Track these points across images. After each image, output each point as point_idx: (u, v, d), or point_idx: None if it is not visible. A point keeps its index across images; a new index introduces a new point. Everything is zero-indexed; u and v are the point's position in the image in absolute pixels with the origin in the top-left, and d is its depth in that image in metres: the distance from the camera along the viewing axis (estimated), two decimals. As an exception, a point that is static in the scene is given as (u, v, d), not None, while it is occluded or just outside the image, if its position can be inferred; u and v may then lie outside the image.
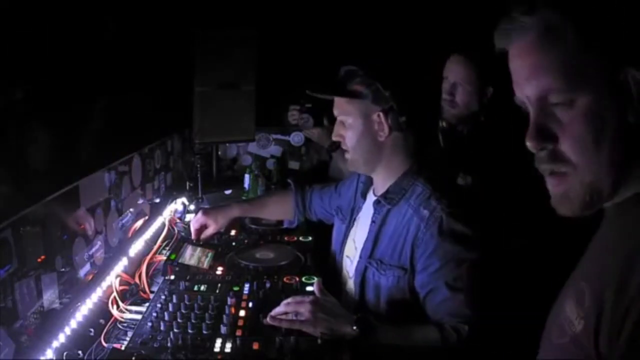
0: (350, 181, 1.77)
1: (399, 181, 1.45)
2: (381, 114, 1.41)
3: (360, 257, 1.50)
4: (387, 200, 1.45)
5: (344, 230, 1.67)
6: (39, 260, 1.16)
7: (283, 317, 1.30)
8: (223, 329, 1.28)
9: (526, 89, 0.67)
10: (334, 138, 1.54)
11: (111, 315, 1.37)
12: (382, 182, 1.50)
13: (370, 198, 1.56)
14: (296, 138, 2.97)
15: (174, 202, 2.23)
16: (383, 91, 1.39)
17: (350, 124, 1.46)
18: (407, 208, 1.40)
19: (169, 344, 1.20)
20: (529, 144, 0.67)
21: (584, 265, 0.72)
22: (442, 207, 1.33)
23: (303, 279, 1.57)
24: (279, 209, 2.01)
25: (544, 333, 0.74)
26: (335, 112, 1.52)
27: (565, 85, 0.63)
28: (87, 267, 1.43)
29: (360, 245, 1.52)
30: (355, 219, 1.63)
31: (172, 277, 1.57)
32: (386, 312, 1.41)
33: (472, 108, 2.05)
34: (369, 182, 1.60)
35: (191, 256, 1.72)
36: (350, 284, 1.55)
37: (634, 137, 0.63)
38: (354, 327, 1.23)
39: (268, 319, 1.30)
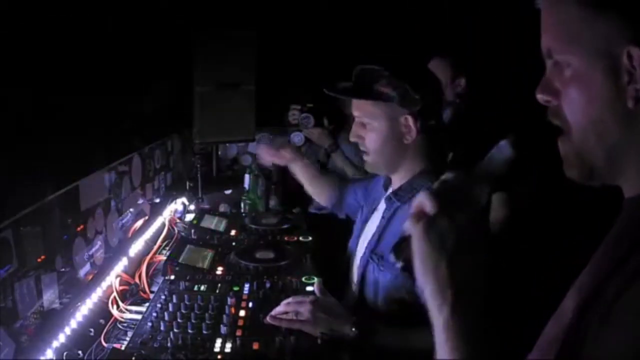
0: (379, 177, 1.71)
1: (412, 180, 1.42)
2: (409, 117, 1.36)
3: (364, 251, 1.48)
4: (397, 197, 1.43)
5: (360, 226, 1.63)
6: (39, 260, 1.16)
7: (283, 316, 1.30)
8: (223, 329, 1.28)
9: (542, 42, 0.69)
10: (352, 139, 1.48)
11: (111, 315, 1.37)
12: (398, 180, 1.47)
13: (386, 194, 1.53)
14: (296, 138, 2.97)
15: (174, 202, 2.23)
16: (412, 93, 1.33)
17: (374, 127, 1.41)
18: None
19: (169, 344, 1.20)
20: (536, 95, 0.69)
21: (592, 259, 0.72)
22: None
23: (303, 279, 1.57)
24: (324, 191, 1.95)
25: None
26: (356, 112, 1.45)
27: (561, 45, 0.65)
28: (87, 267, 1.43)
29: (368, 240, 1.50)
30: (374, 209, 1.59)
31: (172, 277, 1.57)
32: (383, 309, 1.39)
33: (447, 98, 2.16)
34: (389, 179, 1.57)
35: (191, 256, 1.72)
36: (354, 279, 1.54)
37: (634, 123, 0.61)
38: (352, 329, 1.23)
39: (268, 318, 1.30)
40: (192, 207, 2.32)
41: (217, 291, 1.49)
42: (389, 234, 1.42)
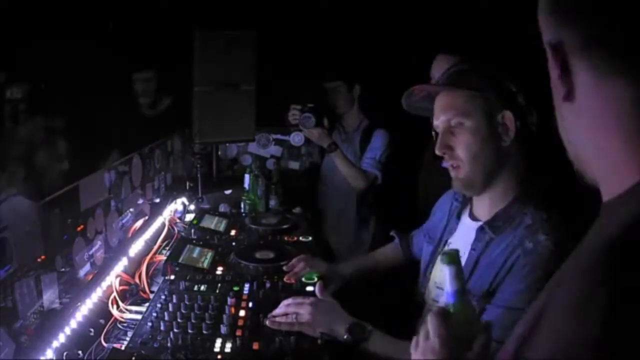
0: (445, 199, 1.57)
1: (508, 209, 1.24)
2: (507, 114, 1.20)
3: None
4: (492, 229, 1.24)
5: (431, 251, 1.47)
6: (39, 260, 1.16)
7: (283, 319, 1.30)
8: (223, 329, 1.28)
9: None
10: (439, 152, 1.26)
11: (111, 315, 1.37)
12: (488, 207, 1.29)
13: (467, 221, 1.36)
14: (296, 138, 2.97)
15: (174, 202, 2.23)
16: (510, 85, 1.21)
17: (469, 128, 1.22)
18: (512, 239, 1.20)
19: (169, 344, 1.20)
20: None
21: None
22: (548, 244, 1.15)
23: (303, 279, 1.57)
24: (391, 262, 1.78)
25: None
26: (443, 116, 1.25)
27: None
28: (87, 267, 1.43)
29: None
30: (446, 242, 1.42)
31: (172, 277, 1.57)
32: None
33: None
34: (465, 202, 1.41)
35: (191, 256, 1.72)
36: None
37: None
38: (345, 337, 1.23)
39: (268, 322, 1.30)
40: (192, 207, 2.31)
41: (217, 291, 1.49)
42: (480, 268, 1.25)
